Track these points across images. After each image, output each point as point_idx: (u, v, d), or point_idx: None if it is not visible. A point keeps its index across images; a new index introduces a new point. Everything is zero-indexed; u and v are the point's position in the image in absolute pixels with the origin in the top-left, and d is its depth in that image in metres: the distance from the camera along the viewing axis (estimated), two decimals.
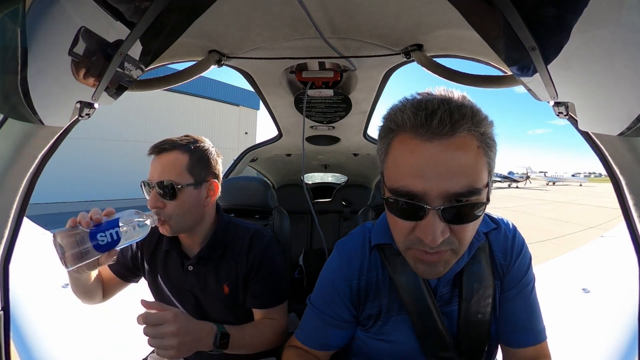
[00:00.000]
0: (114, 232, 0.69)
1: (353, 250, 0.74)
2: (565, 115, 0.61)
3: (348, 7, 0.73)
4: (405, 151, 0.51)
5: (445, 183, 0.48)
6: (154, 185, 0.87)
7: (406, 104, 0.53)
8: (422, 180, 0.49)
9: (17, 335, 1.33)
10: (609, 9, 0.38)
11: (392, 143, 0.54)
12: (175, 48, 0.66)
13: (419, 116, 0.49)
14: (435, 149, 0.48)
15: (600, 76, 0.48)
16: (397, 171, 0.53)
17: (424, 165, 0.49)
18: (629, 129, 0.48)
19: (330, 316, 0.73)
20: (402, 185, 0.51)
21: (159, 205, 0.86)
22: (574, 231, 8.77)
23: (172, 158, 0.89)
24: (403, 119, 0.51)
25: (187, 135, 0.96)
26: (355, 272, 0.72)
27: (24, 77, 0.48)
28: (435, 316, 0.67)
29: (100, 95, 0.64)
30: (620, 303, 1.51)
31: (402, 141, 0.52)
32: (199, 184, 0.91)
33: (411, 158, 0.50)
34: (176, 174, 0.88)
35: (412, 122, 0.50)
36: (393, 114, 0.54)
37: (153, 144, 0.91)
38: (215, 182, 0.96)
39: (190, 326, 0.76)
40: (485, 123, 0.51)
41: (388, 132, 0.54)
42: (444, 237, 0.51)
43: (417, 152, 0.49)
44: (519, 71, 0.57)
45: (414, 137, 0.50)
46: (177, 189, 0.87)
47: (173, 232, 0.90)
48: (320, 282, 0.77)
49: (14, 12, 0.39)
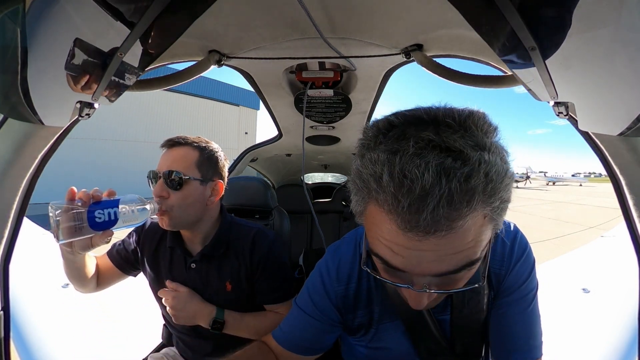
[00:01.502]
0: (112, 212, 0.67)
1: (344, 256, 0.71)
2: (565, 115, 0.61)
3: (348, 7, 0.73)
4: (385, 234, 0.39)
5: (434, 266, 0.39)
6: (161, 175, 0.89)
7: (382, 161, 0.37)
8: (405, 262, 0.40)
9: (17, 335, 1.33)
10: (609, 9, 0.38)
11: (369, 209, 0.42)
12: (175, 48, 0.66)
13: (400, 204, 0.35)
14: (424, 246, 0.37)
15: (600, 76, 0.48)
16: (375, 241, 0.42)
17: (407, 256, 0.39)
18: (629, 129, 0.48)
19: (315, 319, 0.70)
20: (382, 254, 0.42)
21: (164, 194, 0.88)
22: (574, 231, 8.77)
23: (183, 152, 0.92)
24: (378, 192, 0.37)
25: (199, 137, 1.00)
26: (344, 278, 0.69)
27: (24, 77, 0.48)
28: (429, 322, 0.66)
29: (100, 95, 0.64)
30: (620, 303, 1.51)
31: (381, 221, 0.39)
32: (205, 181, 0.94)
33: (391, 246, 0.40)
34: (185, 166, 0.90)
35: (392, 207, 0.36)
36: (366, 172, 0.39)
37: (167, 139, 0.95)
38: (221, 183, 0.99)
39: (187, 306, 0.94)
40: (503, 185, 0.37)
41: (362, 191, 0.41)
42: (429, 300, 0.45)
43: (400, 247, 0.39)
44: (519, 71, 0.57)
45: (395, 227, 0.37)
46: (184, 180, 0.89)
47: (172, 225, 0.90)
48: (308, 284, 0.74)
49: (14, 12, 0.39)
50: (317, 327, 0.71)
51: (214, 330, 0.93)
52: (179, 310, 0.93)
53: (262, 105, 1.41)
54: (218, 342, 0.99)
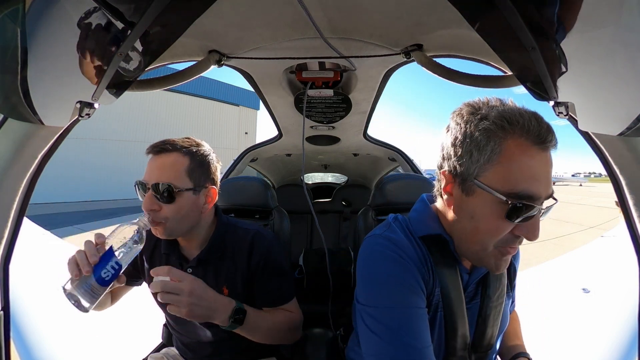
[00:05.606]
0: (114, 264, 0.69)
1: (400, 240, 0.65)
2: (565, 115, 0.61)
3: (348, 7, 0.73)
4: (526, 157, 0.53)
5: (549, 187, 0.55)
6: (150, 187, 0.82)
7: (519, 109, 0.56)
8: (539, 185, 0.53)
9: (17, 335, 1.33)
10: (609, 9, 0.38)
11: (509, 143, 0.54)
12: (175, 48, 0.66)
13: (542, 128, 0.53)
14: (546, 158, 0.54)
15: (600, 76, 0.48)
16: (517, 175, 0.54)
17: (540, 173, 0.54)
18: (629, 129, 0.48)
19: (412, 306, 0.60)
20: (523, 188, 0.53)
21: (155, 208, 0.82)
22: (574, 231, 8.77)
23: (172, 159, 0.85)
24: (524, 123, 0.53)
25: (188, 138, 0.92)
26: (416, 260, 0.64)
27: (24, 77, 0.48)
28: (464, 312, 0.67)
29: (100, 95, 0.64)
30: (620, 303, 1.51)
31: (520, 145, 0.54)
32: (197, 190, 0.88)
33: (532, 164, 0.53)
34: (175, 176, 0.83)
35: (535, 130, 0.53)
36: (510, 113, 0.55)
37: (152, 144, 0.86)
38: (214, 188, 0.93)
39: (205, 294, 0.78)
40: None
41: (502, 129, 0.54)
42: None
43: (537, 159, 0.53)
44: (519, 71, 0.57)
45: (532, 145, 0.53)
46: (175, 192, 0.82)
47: (167, 234, 0.87)
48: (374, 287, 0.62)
49: (14, 12, 0.39)
50: (419, 309, 0.61)
51: (235, 322, 0.81)
52: (200, 299, 0.76)
53: (262, 105, 1.41)
54: (218, 344, 0.98)
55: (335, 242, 2.62)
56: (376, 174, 2.61)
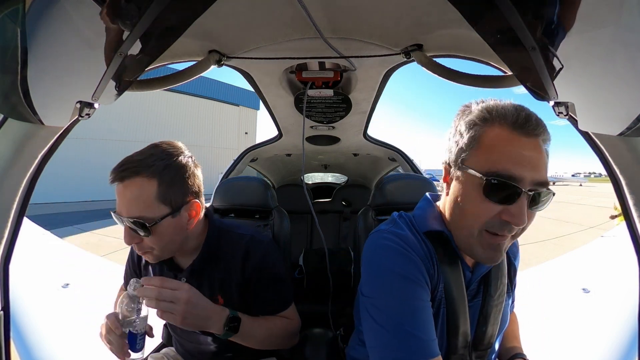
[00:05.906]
0: (138, 337, 0.79)
1: (406, 235, 0.66)
2: (565, 115, 0.61)
3: (348, 7, 0.73)
4: (504, 140, 0.57)
5: (535, 172, 0.56)
6: (124, 222, 0.76)
7: (503, 102, 0.61)
8: (520, 167, 0.56)
9: (17, 335, 1.33)
10: (608, 9, 0.38)
11: (488, 130, 0.59)
12: (175, 48, 0.66)
13: (520, 115, 0.57)
14: (529, 144, 0.57)
15: (600, 76, 0.48)
16: (496, 156, 0.57)
17: (521, 155, 0.56)
18: (629, 129, 0.48)
19: (417, 298, 0.60)
20: (502, 168, 0.56)
21: (136, 241, 0.78)
22: (574, 231, 8.77)
23: (136, 187, 0.75)
24: (504, 112, 0.58)
25: (154, 146, 0.81)
26: (421, 255, 0.65)
27: (24, 77, 0.47)
28: (466, 309, 0.67)
29: (100, 95, 0.64)
30: (620, 303, 1.51)
31: (501, 131, 0.58)
32: (176, 211, 0.79)
33: (511, 147, 0.57)
34: (145, 207, 0.75)
35: (513, 117, 0.57)
36: (492, 106, 0.61)
37: (113, 168, 0.77)
38: (196, 202, 0.83)
39: (199, 303, 0.78)
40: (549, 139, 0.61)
41: (483, 120, 0.60)
42: (523, 224, 0.57)
43: (516, 143, 0.57)
44: (519, 71, 0.57)
45: (512, 130, 0.57)
46: (150, 226, 0.75)
47: (157, 260, 0.84)
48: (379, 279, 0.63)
49: (14, 12, 0.39)
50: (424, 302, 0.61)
51: (229, 331, 0.80)
52: (194, 307, 0.75)
53: (262, 105, 1.41)
54: (218, 346, 0.96)
55: (335, 242, 2.62)
56: (376, 174, 2.61)
